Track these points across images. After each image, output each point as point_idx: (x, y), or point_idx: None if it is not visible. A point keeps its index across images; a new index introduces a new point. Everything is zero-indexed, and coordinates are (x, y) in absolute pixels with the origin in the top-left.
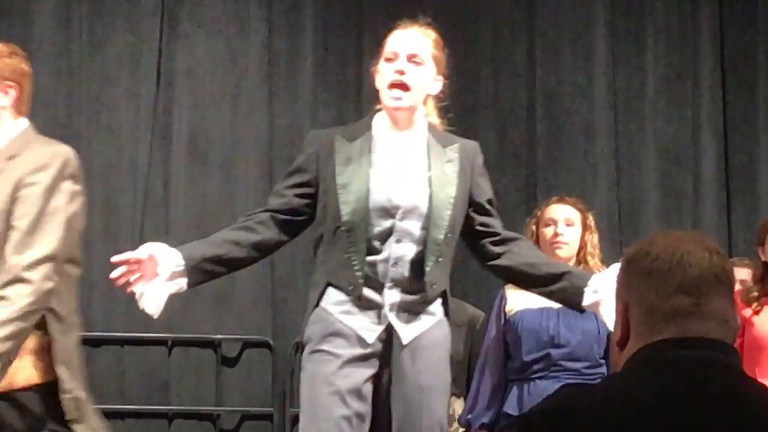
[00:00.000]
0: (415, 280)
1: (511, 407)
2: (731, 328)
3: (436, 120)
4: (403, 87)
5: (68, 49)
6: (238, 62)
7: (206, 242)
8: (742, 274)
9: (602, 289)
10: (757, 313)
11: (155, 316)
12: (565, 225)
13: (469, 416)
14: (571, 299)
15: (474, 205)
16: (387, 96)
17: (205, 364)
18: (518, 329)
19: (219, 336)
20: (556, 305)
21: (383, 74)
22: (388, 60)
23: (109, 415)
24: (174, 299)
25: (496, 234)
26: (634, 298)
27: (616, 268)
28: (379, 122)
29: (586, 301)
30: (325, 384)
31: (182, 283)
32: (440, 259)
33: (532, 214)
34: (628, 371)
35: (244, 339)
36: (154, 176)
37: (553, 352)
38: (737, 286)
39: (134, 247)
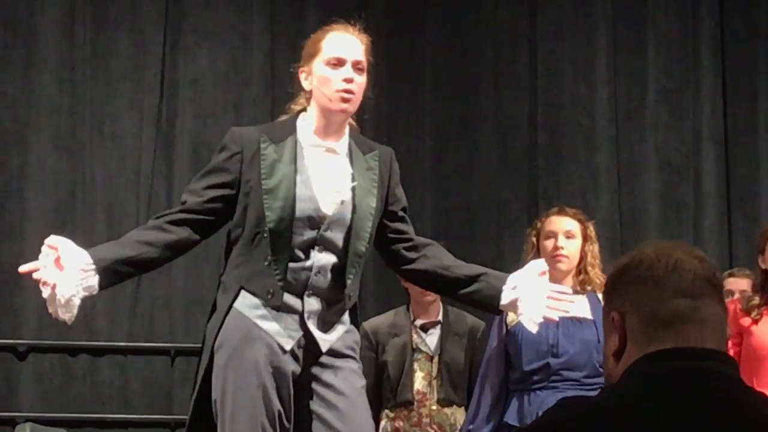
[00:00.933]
0: (335, 290)
1: (511, 418)
2: (724, 335)
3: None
4: (351, 93)
5: (72, 59)
6: (241, 72)
7: (117, 243)
8: (742, 284)
9: (520, 287)
10: (756, 322)
11: (69, 322)
12: (566, 237)
13: (471, 427)
14: (489, 301)
15: (388, 214)
16: (334, 100)
17: None
18: (518, 340)
19: None
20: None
21: (329, 80)
22: (334, 65)
23: (112, 425)
24: (177, 309)
25: (409, 239)
26: (630, 306)
27: (534, 264)
28: (304, 126)
29: (504, 300)
30: (247, 393)
31: (93, 283)
32: (358, 270)
33: (533, 225)
34: (627, 383)
35: None
36: (158, 186)
37: (553, 361)
38: (737, 296)
39: None
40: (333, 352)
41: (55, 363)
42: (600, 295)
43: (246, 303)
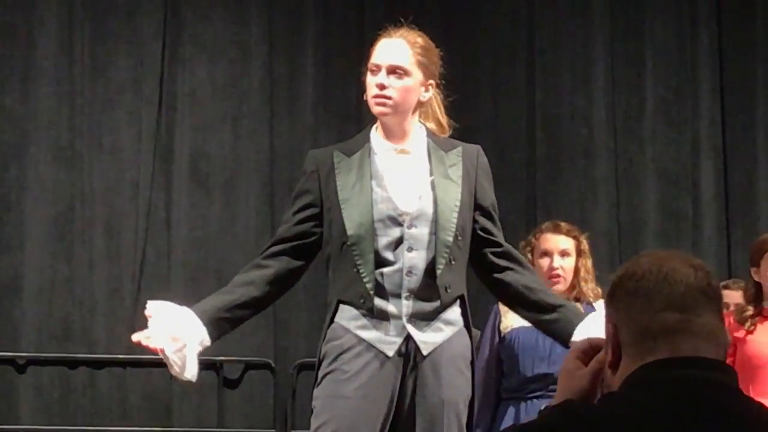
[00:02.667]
0: (430, 288)
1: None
2: (721, 344)
3: (436, 125)
4: (385, 98)
5: (70, 72)
6: (239, 85)
7: (219, 292)
8: (738, 297)
9: (594, 330)
10: (751, 332)
11: (194, 379)
12: (561, 257)
13: None
14: (561, 332)
15: (478, 209)
16: (372, 105)
17: (207, 386)
18: (514, 347)
19: (221, 358)
20: None
21: (367, 86)
22: (372, 72)
23: None
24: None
25: (498, 245)
26: (622, 319)
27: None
28: (376, 134)
29: (576, 337)
30: (344, 404)
31: (203, 336)
32: (453, 262)
33: (527, 241)
34: (625, 392)
35: (245, 361)
36: (156, 199)
37: (552, 370)
38: (732, 309)
39: (136, 270)
40: (438, 359)
41: (55, 376)
42: (595, 305)
43: (345, 315)
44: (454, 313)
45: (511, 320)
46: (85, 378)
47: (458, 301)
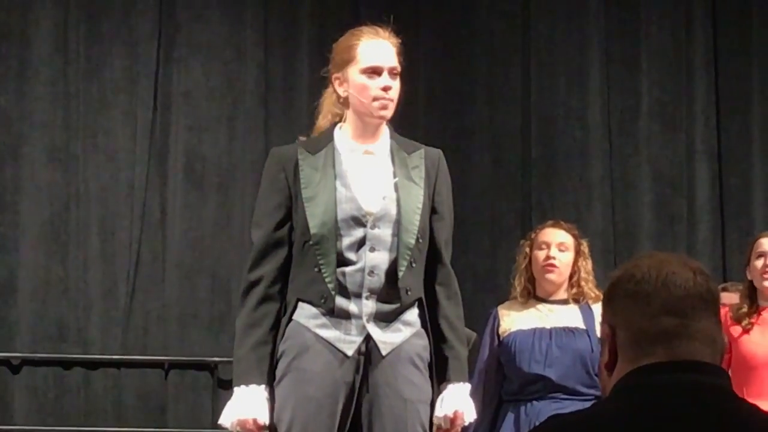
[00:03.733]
0: (391, 289)
1: (507, 429)
2: (718, 348)
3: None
4: (390, 102)
5: (65, 73)
6: (234, 85)
7: (261, 346)
8: (736, 299)
9: (453, 404)
10: (747, 331)
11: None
12: (558, 249)
13: None
14: (437, 374)
15: (435, 214)
16: (373, 109)
17: (201, 387)
18: (512, 350)
19: (215, 358)
20: (549, 325)
21: (367, 88)
22: (371, 74)
23: None
24: (171, 322)
25: (441, 259)
26: (620, 321)
27: (464, 388)
28: (341, 133)
29: (438, 408)
30: (305, 403)
31: (264, 394)
32: (414, 264)
33: (527, 236)
34: (615, 398)
35: None
36: (151, 199)
37: (547, 372)
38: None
39: (131, 270)
40: (396, 359)
41: (49, 376)
42: (593, 306)
43: (304, 314)
44: (413, 314)
45: (509, 323)
46: (80, 378)
47: (417, 303)
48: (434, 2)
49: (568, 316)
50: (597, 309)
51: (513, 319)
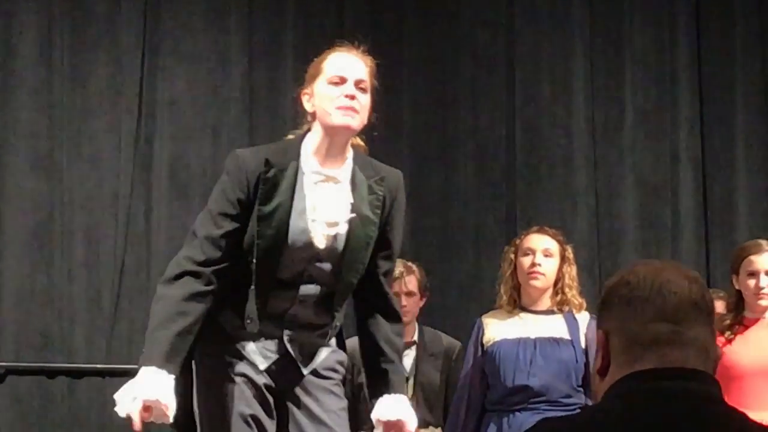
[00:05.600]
0: (319, 317)
1: None
2: (711, 357)
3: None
4: (354, 110)
5: (50, 81)
6: (218, 94)
7: (181, 344)
8: (718, 306)
9: (390, 411)
10: (729, 342)
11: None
12: (543, 255)
13: None
14: (373, 391)
15: (383, 247)
16: (336, 115)
17: None
18: (496, 360)
19: None
20: (533, 335)
21: (329, 97)
22: (335, 83)
23: None
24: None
25: (384, 293)
26: (614, 326)
27: (405, 399)
28: (307, 151)
29: (376, 410)
30: (228, 421)
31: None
32: (346, 301)
33: (511, 242)
34: (606, 403)
35: None
36: (136, 208)
37: (531, 382)
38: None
39: (115, 279)
40: (314, 372)
41: (33, 385)
42: (577, 316)
43: (227, 327)
44: (333, 339)
45: (493, 333)
46: (64, 387)
47: (338, 329)
48: (419, 10)
49: (553, 326)
50: (582, 318)
51: (497, 329)
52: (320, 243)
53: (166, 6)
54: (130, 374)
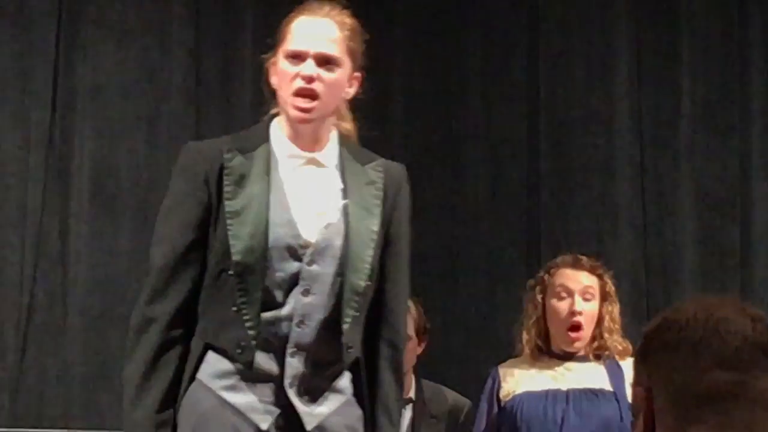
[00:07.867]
0: (327, 345)
1: None
2: None
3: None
4: (312, 96)
5: None
6: (156, 78)
7: (162, 418)
8: None
9: None
10: None
11: None
12: (583, 299)
13: None
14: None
15: (389, 249)
16: (290, 104)
17: None
18: (517, 418)
19: None
20: (565, 386)
21: (285, 77)
22: (293, 58)
23: None
24: (74, 385)
25: (383, 294)
26: (657, 380)
27: None
28: (278, 133)
29: None
30: None
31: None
32: (357, 314)
33: (536, 279)
34: None
35: None
36: (48, 225)
37: None
38: None
39: (21, 318)
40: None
41: None
42: (621, 363)
43: (210, 370)
44: (346, 379)
45: (513, 385)
46: None
47: (352, 366)
48: None
49: (591, 376)
50: (626, 366)
51: (518, 380)
52: (310, 236)
53: None
54: None
